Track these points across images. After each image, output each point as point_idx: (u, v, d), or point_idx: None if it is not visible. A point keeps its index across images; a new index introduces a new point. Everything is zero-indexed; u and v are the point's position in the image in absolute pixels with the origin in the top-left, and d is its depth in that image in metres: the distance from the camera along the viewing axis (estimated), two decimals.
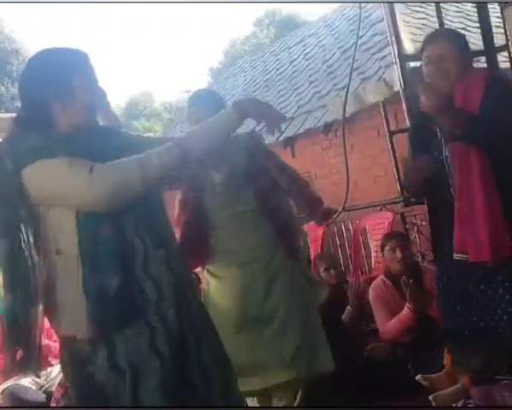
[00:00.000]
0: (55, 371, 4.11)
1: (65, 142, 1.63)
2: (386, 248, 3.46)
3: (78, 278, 1.59)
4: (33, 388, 3.99)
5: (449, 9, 6.69)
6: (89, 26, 69.50)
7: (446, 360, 2.77)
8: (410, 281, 3.19)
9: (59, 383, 3.67)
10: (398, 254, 3.39)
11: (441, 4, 4.20)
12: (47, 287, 1.66)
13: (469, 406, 2.34)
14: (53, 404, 3.57)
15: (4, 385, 4.00)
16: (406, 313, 3.23)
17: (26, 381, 4.02)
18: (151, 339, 1.64)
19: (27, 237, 1.64)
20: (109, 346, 1.62)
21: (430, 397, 2.60)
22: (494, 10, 4.30)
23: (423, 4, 6.67)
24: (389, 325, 3.34)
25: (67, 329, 1.66)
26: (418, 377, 2.77)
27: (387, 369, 3.13)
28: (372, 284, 3.56)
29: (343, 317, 3.55)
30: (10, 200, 1.61)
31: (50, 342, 4.27)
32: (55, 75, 1.68)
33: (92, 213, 1.59)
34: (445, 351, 2.79)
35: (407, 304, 3.22)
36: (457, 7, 6.97)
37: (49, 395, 3.86)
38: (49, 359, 4.22)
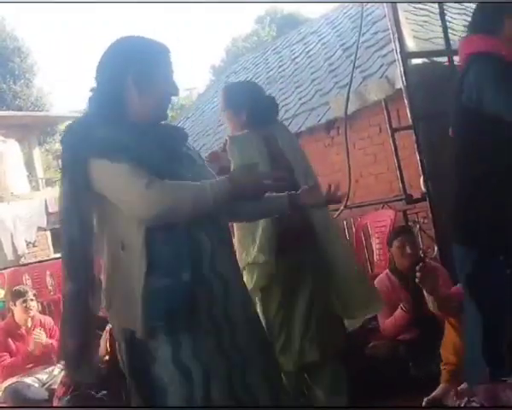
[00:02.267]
0: (57, 369, 4.12)
1: (134, 133, 1.61)
2: (396, 243, 3.44)
3: (141, 274, 1.55)
4: (36, 385, 4.00)
5: (451, 7, 6.68)
6: (90, 25, 69.46)
7: None
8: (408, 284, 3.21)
9: (61, 382, 3.68)
10: (408, 251, 3.38)
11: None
12: (108, 278, 1.64)
13: (473, 405, 2.33)
14: (55, 402, 3.58)
15: (7, 382, 4.02)
16: (400, 313, 3.26)
17: (29, 378, 4.03)
18: (219, 339, 1.61)
19: (90, 224, 1.62)
20: (174, 344, 1.57)
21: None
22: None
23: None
24: (386, 323, 3.36)
25: (127, 324, 1.61)
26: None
27: (388, 367, 3.13)
28: (376, 279, 3.55)
29: None
30: (77, 182, 1.58)
31: (54, 341, 4.30)
32: (136, 60, 1.67)
33: None
34: None
35: (401, 304, 3.24)
36: (460, 4, 6.95)
37: (51, 392, 3.87)
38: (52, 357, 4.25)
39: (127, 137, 1.59)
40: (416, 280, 2.70)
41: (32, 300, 4.32)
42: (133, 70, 1.65)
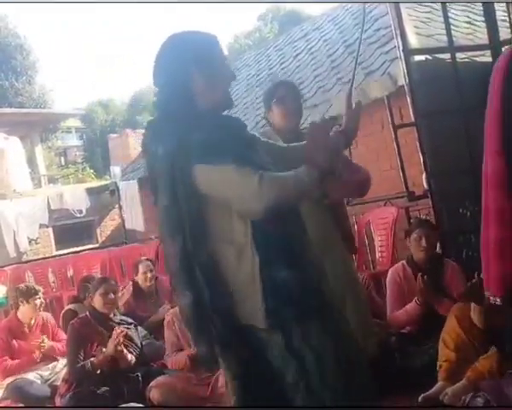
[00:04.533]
0: (59, 365, 4.13)
1: (217, 128, 1.64)
2: (413, 235, 3.45)
3: (253, 268, 1.60)
4: (38, 382, 4.01)
5: (454, 3, 6.65)
6: (91, 23, 69.48)
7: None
8: (425, 277, 3.20)
9: (63, 379, 3.69)
10: (423, 243, 3.38)
11: None
12: (216, 277, 1.64)
13: (477, 400, 2.33)
14: (57, 398, 3.59)
15: (10, 379, 4.02)
16: (414, 307, 3.26)
17: (31, 374, 4.04)
18: (323, 322, 1.66)
19: (195, 230, 1.63)
20: (286, 331, 1.61)
21: (440, 397, 2.60)
22: (499, 4, 4.27)
23: None
24: (396, 314, 3.38)
25: (245, 318, 1.63)
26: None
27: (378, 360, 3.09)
28: (392, 268, 3.58)
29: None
30: (180, 190, 1.60)
31: (57, 342, 4.31)
32: (197, 54, 1.70)
33: None
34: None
35: (416, 298, 3.24)
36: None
37: (53, 388, 3.88)
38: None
39: (218, 135, 1.62)
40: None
41: (40, 298, 4.35)
42: (197, 64, 1.69)
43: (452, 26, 4.28)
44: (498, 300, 1.94)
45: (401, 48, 3.73)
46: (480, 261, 2.11)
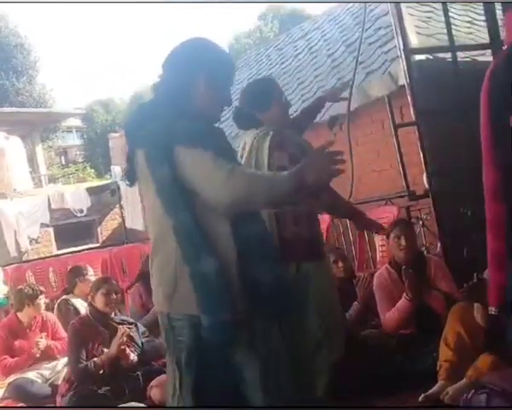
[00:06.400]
0: (60, 365, 4.12)
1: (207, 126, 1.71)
2: (391, 235, 3.42)
3: (231, 261, 1.63)
4: (39, 381, 4.01)
5: (455, 2, 6.64)
6: (94, 22, 69.48)
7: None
8: (410, 271, 3.17)
9: (64, 378, 3.68)
10: (403, 242, 3.35)
11: None
12: (175, 265, 1.66)
13: (481, 397, 2.32)
14: (58, 398, 3.59)
15: (10, 378, 4.02)
16: (404, 303, 3.22)
17: (32, 373, 4.04)
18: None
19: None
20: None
21: (441, 397, 2.61)
22: (500, 4, 4.26)
23: None
24: (389, 314, 3.32)
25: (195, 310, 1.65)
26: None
27: (377, 360, 3.09)
28: (376, 273, 3.54)
29: (350, 312, 3.52)
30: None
31: (56, 341, 4.30)
32: (212, 61, 1.77)
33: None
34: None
35: (404, 294, 3.21)
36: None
37: (54, 388, 3.88)
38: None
39: (205, 128, 1.68)
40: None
41: (43, 298, 4.36)
42: (207, 70, 1.75)
43: (453, 26, 4.27)
44: (493, 309, 1.95)
45: (402, 47, 3.73)
46: (480, 261, 2.09)
